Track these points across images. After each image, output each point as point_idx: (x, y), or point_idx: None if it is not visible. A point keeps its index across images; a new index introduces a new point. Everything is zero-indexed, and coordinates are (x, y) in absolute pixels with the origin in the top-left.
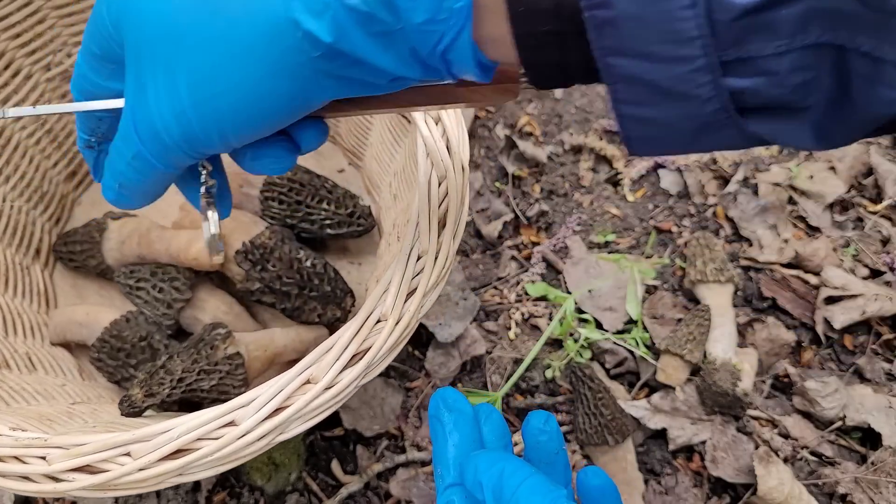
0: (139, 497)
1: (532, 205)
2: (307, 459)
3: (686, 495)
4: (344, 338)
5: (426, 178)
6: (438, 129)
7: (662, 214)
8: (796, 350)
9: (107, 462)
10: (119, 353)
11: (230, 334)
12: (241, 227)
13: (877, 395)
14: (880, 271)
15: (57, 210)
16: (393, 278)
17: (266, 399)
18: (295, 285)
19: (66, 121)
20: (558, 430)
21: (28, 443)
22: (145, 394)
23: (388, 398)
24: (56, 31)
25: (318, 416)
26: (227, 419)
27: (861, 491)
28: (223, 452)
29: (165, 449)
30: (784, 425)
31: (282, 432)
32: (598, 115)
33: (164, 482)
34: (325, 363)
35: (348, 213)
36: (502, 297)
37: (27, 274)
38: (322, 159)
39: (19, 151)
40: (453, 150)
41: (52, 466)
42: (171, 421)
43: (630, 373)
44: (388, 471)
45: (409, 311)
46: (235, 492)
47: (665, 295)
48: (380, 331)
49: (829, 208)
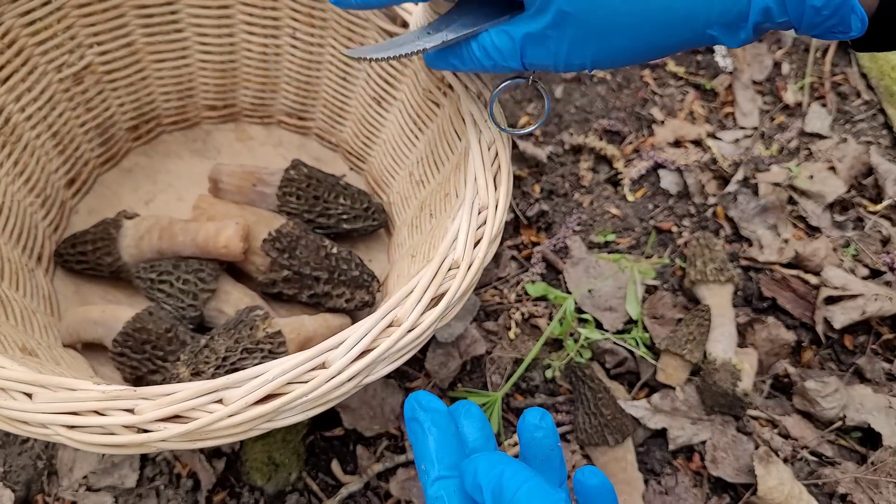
0: (139, 496)
1: (532, 205)
2: (307, 459)
3: (686, 495)
4: (423, 282)
5: (477, 140)
6: (481, 101)
7: (662, 214)
8: (796, 350)
9: (197, 410)
10: (145, 346)
11: (268, 315)
12: (262, 220)
13: (877, 395)
14: (880, 271)
15: (56, 217)
16: (461, 228)
17: (355, 340)
18: (325, 270)
19: (70, 125)
20: (553, 427)
21: (116, 394)
22: (192, 372)
23: (388, 398)
24: (75, 30)
25: (401, 359)
26: (318, 361)
27: (861, 491)
28: (314, 395)
29: (257, 393)
30: (784, 425)
31: (368, 374)
32: (598, 115)
33: (255, 429)
34: (407, 305)
35: (364, 207)
36: (502, 297)
37: (33, 276)
38: (321, 166)
39: (27, 151)
40: (497, 119)
41: (140, 417)
42: (262, 366)
43: (630, 373)
44: (388, 471)
45: (478, 258)
46: (235, 492)
47: (665, 295)
48: (454, 276)
49: (829, 208)
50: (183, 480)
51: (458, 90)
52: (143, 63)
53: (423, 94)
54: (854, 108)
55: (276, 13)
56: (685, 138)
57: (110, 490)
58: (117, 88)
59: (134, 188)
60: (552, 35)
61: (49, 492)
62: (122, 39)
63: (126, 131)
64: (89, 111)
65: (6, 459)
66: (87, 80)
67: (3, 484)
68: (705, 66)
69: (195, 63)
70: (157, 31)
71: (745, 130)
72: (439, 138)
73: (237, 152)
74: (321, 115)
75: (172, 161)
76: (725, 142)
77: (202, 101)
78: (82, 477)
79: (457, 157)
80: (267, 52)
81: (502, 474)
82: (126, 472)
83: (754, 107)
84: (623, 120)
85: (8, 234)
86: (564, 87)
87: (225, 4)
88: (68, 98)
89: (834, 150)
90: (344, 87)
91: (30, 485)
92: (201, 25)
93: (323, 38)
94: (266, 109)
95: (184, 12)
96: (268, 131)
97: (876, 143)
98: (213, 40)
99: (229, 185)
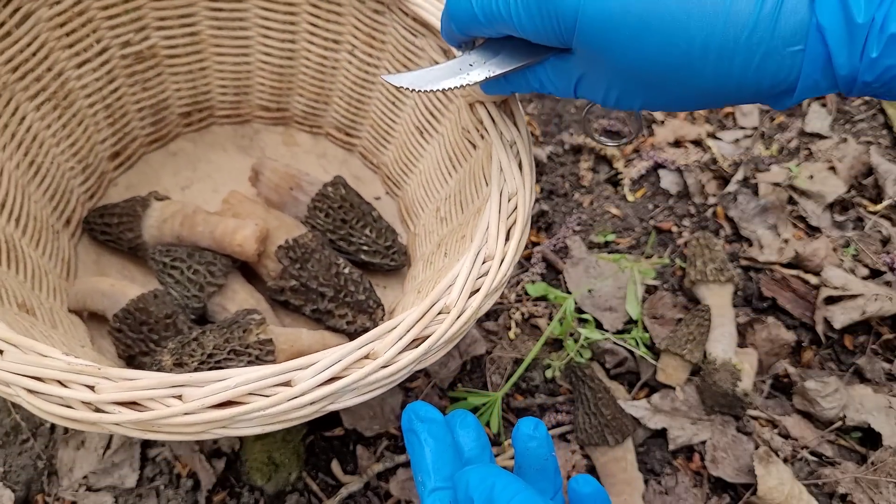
0: (139, 496)
1: (532, 205)
2: (307, 459)
3: (686, 495)
4: (408, 320)
5: (498, 191)
6: (513, 151)
7: (662, 214)
8: (796, 350)
9: (155, 401)
10: (142, 327)
11: (264, 321)
12: (284, 226)
13: (877, 395)
14: (880, 271)
15: (94, 185)
16: (460, 274)
17: (325, 365)
18: (331, 287)
19: (124, 101)
20: (548, 436)
21: (80, 368)
22: (174, 362)
23: (388, 398)
24: (143, 11)
25: (370, 393)
26: (284, 378)
27: (861, 491)
28: (273, 411)
29: (217, 397)
30: (784, 425)
31: (333, 402)
32: (598, 115)
33: (208, 431)
34: (387, 341)
35: (386, 245)
36: (502, 297)
37: (56, 238)
38: (360, 185)
39: (77, 119)
40: (525, 172)
41: (99, 396)
42: (227, 371)
43: (630, 373)
44: (388, 471)
45: (471, 307)
46: (235, 492)
47: (665, 295)
48: (441, 321)
49: (829, 208)
50: (183, 480)
51: (492, 135)
52: (204, 53)
53: (462, 133)
54: (854, 107)
55: (340, 27)
56: (685, 138)
57: (110, 490)
58: (176, 74)
59: (174, 172)
60: (602, 82)
61: (49, 492)
62: (189, 28)
63: (178, 116)
64: (145, 90)
65: (6, 459)
66: (148, 61)
67: (3, 484)
68: None
69: (255, 62)
70: (223, 24)
71: (744, 130)
72: (469, 179)
73: (281, 155)
74: (367, 134)
75: (216, 152)
76: (725, 142)
77: (256, 101)
78: (82, 477)
79: (480, 202)
80: (325, 63)
81: (493, 486)
82: (126, 472)
83: (754, 106)
84: (623, 120)
85: (41, 192)
86: None
87: (292, 11)
88: (127, 74)
89: (834, 150)
90: (392, 110)
91: (30, 485)
92: (267, 28)
93: (380, 59)
94: (316, 119)
95: (252, 11)
96: (314, 141)
97: (876, 143)
98: (275, 43)
99: (269, 180)
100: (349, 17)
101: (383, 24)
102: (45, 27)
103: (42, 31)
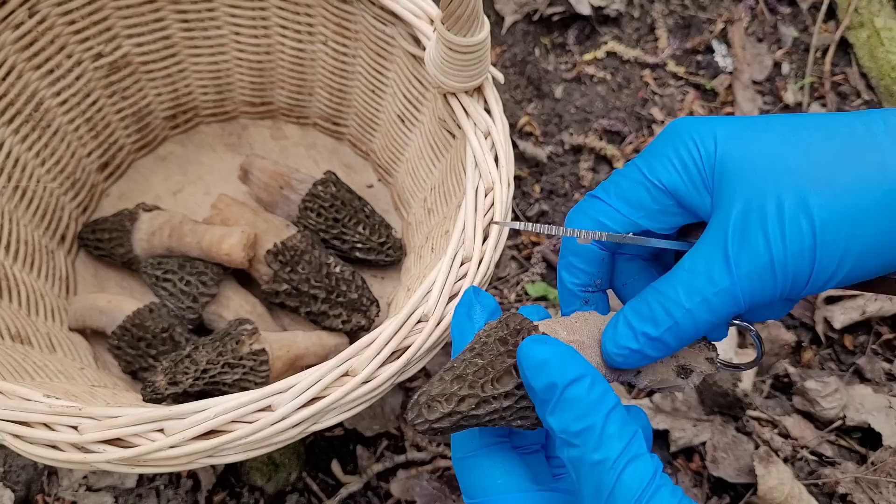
0: (139, 496)
1: (532, 205)
2: (307, 459)
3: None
4: (385, 333)
5: (473, 188)
6: (487, 143)
7: None
8: (796, 350)
9: (139, 437)
10: (139, 343)
11: (256, 330)
12: (272, 228)
13: (877, 395)
14: None
15: (86, 199)
16: (437, 280)
17: (304, 387)
18: (323, 289)
19: (105, 112)
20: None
21: (61, 410)
22: (169, 381)
23: (388, 398)
24: (111, 21)
25: (353, 410)
26: (264, 403)
27: (861, 491)
28: (256, 437)
29: (199, 428)
30: (784, 425)
31: (316, 422)
32: (598, 115)
33: (195, 462)
34: (365, 357)
35: (380, 241)
36: (502, 297)
37: (51, 258)
38: (352, 174)
39: (58, 136)
40: (501, 165)
41: (83, 436)
42: (207, 401)
43: None
44: (388, 471)
45: (450, 313)
46: (235, 492)
47: None
48: (420, 330)
49: None
50: (183, 480)
51: (465, 128)
52: (180, 56)
53: (439, 123)
54: (854, 108)
55: (311, 20)
56: None
57: (110, 490)
58: (154, 79)
59: (165, 177)
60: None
61: (49, 492)
62: (159, 32)
63: (163, 120)
64: (125, 99)
65: (6, 459)
66: (123, 70)
67: (3, 484)
68: (705, 65)
69: (232, 60)
70: (194, 25)
71: None
72: (451, 171)
73: (270, 150)
74: (354, 122)
75: (206, 153)
76: None
77: (240, 97)
78: (82, 477)
79: (461, 196)
80: (302, 56)
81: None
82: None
83: (754, 107)
84: (623, 120)
85: (31, 214)
86: (564, 87)
87: (262, 6)
88: (104, 86)
89: None
90: (374, 99)
91: (30, 485)
92: (238, 24)
93: (354, 49)
94: (302, 111)
95: (221, 10)
96: (303, 132)
97: None
98: (249, 39)
99: (258, 179)
100: (318, 8)
101: (352, 13)
102: (12, 50)
103: (9, 54)
